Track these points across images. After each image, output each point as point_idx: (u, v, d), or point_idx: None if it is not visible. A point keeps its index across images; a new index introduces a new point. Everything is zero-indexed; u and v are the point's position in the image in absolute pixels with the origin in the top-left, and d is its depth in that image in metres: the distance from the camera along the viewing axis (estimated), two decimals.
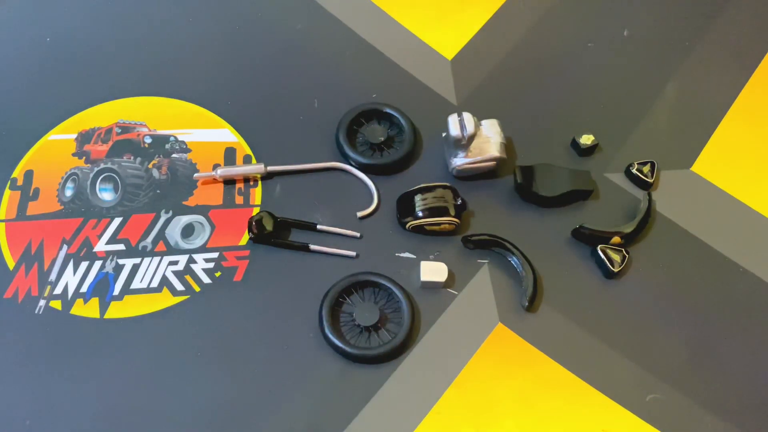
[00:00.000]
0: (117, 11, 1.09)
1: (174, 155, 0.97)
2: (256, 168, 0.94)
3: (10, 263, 0.88)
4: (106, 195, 0.94)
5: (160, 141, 0.98)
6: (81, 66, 1.03)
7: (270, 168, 0.94)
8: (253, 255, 0.89)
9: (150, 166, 0.96)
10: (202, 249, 0.90)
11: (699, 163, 1.00)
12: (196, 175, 0.94)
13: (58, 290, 0.86)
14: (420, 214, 0.89)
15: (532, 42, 1.09)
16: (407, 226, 0.91)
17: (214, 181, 0.95)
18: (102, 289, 0.87)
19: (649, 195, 0.94)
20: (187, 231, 0.91)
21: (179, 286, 0.87)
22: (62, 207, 0.93)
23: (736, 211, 0.96)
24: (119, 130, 0.99)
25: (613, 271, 0.88)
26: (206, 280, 0.88)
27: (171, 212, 0.92)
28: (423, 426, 0.79)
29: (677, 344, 0.86)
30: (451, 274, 0.88)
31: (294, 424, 0.79)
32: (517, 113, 1.01)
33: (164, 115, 1.00)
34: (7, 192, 0.93)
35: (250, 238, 0.89)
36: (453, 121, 0.91)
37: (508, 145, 0.95)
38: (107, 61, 1.04)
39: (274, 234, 0.88)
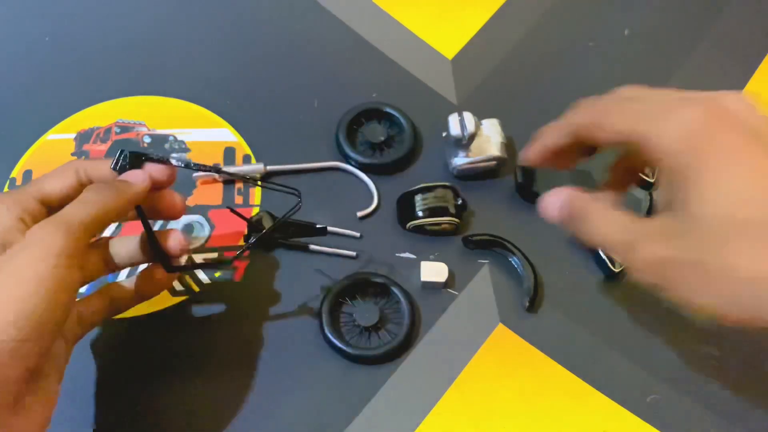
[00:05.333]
0: (116, 11, 1.09)
1: (173, 155, 0.96)
2: (255, 168, 0.93)
3: None
4: None
5: (159, 140, 0.98)
6: (80, 66, 1.03)
7: (270, 168, 0.94)
8: (252, 255, 0.89)
9: None
10: (202, 249, 0.90)
11: None
12: (195, 174, 0.94)
13: None
14: (420, 214, 0.89)
15: (532, 42, 1.09)
16: (407, 226, 0.90)
17: (214, 181, 0.94)
18: None
19: (650, 195, 0.93)
20: (187, 231, 0.91)
21: (178, 286, 0.87)
22: None
23: None
24: (118, 130, 0.98)
25: (613, 271, 0.88)
26: (205, 280, 0.88)
27: None
28: (423, 426, 0.79)
29: (677, 344, 0.86)
30: (451, 274, 0.88)
31: (294, 424, 0.79)
32: (517, 113, 1.01)
33: (163, 115, 1.00)
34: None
35: None
36: (453, 120, 0.90)
37: (508, 145, 0.95)
38: (106, 61, 1.04)
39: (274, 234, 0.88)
